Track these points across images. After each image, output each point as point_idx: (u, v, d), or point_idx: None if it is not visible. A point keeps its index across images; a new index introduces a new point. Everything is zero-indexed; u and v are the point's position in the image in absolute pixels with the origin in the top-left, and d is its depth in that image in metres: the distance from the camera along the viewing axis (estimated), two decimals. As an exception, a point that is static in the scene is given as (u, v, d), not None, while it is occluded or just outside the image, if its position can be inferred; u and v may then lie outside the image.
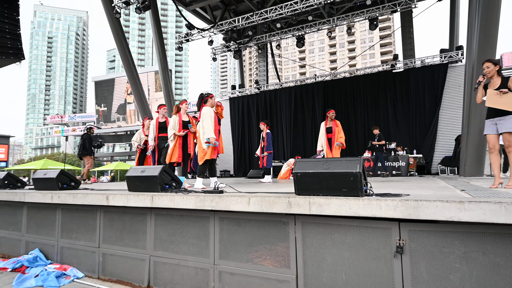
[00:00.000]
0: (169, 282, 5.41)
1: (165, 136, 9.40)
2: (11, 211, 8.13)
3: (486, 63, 5.54)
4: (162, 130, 9.55)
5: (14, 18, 12.49)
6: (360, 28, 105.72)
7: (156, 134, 9.55)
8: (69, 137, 57.99)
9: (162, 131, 9.54)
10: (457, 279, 3.44)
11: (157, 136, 9.55)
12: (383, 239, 3.82)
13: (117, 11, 16.28)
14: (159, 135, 9.53)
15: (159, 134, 9.54)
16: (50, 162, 35.47)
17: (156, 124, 9.60)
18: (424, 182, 8.36)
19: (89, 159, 12.16)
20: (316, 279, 4.21)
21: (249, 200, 4.52)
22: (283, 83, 21.89)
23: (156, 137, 9.55)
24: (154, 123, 9.63)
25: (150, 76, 46.79)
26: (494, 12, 10.46)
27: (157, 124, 9.60)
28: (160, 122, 9.64)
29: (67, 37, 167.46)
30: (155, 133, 9.56)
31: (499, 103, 5.26)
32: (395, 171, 14.91)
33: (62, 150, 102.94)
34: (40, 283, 5.88)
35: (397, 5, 16.77)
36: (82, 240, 6.68)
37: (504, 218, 3.10)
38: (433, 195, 4.03)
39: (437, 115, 16.46)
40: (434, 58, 17.25)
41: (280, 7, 16.34)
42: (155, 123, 9.62)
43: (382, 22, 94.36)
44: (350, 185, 3.96)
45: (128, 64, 17.84)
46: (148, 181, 5.82)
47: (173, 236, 5.49)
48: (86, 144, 11.99)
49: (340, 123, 11.32)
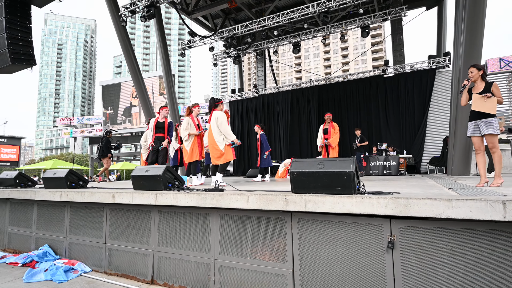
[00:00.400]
0: (172, 276, 5.40)
1: (161, 137, 9.32)
2: (22, 208, 8.11)
3: (471, 68, 5.58)
4: (159, 130, 9.38)
5: (26, 26, 12.53)
6: (352, 36, 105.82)
7: (154, 133, 9.34)
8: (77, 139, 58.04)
9: (159, 131, 9.38)
10: (445, 273, 3.44)
11: (154, 136, 9.33)
12: (375, 235, 3.82)
13: (123, 19, 16.26)
14: (156, 134, 9.34)
15: (156, 134, 9.35)
16: (59, 162, 35.41)
17: (154, 123, 9.41)
18: (414, 181, 8.36)
19: (107, 160, 12.46)
20: (312, 273, 4.20)
21: (248, 198, 4.52)
22: (280, 87, 21.89)
23: (153, 135, 9.33)
24: (153, 122, 9.43)
25: (155, 80, 46.77)
26: (479, 20, 10.48)
27: (155, 123, 9.41)
28: (159, 121, 9.45)
29: (76, 44, 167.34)
30: (152, 132, 9.35)
31: (484, 107, 5.29)
32: (386, 171, 14.89)
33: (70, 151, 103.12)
34: (49, 277, 5.87)
35: (388, 14, 16.77)
36: (89, 236, 6.67)
37: (490, 215, 3.10)
38: (422, 193, 4.03)
39: (425, 118, 16.48)
40: (422, 64, 17.28)
41: (277, 15, 16.34)
42: (154, 122, 9.42)
43: (374, 30, 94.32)
44: (343, 183, 3.95)
45: (134, 69, 17.83)
46: (152, 180, 5.82)
47: (175, 232, 5.48)
48: (104, 146, 12.20)
49: (337, 126, 11.54)
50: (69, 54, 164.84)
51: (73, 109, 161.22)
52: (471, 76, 5.54)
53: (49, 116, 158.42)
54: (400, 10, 16.44)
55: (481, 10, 10.45)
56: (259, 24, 16.93)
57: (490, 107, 5.25)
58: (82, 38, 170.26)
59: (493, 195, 3.51)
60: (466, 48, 10.78)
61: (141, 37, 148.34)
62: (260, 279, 4.58)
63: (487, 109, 5.28)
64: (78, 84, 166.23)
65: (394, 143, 16.39)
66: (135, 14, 16.33)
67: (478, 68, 5.51)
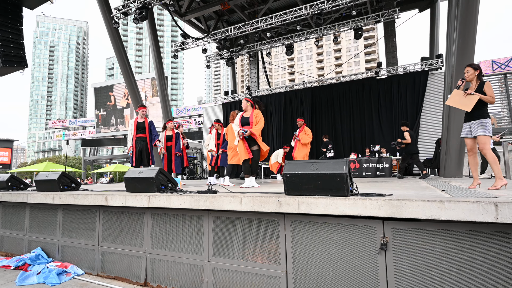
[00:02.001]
0: (165, 278, 5.39)
1: (143, 137, 9.21)
2: (14, 211, 8.07)
3: (467, 68, 5.50)
4: (140, 131, 9.26)
5: (17, 28, 12.49)
6: (346, 37, 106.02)
7: (134, 134, 9.21)
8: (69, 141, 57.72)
9: (140, 132, 9.25)
10: (437, 274, 3.45)
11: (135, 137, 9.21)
12: (368, 237, 3.83)
13: (115, 21, 16.23)
14: (138, 135, 9.22)
15: (137, 134, 9.22)
16: (52, 165, 35.30)
17: (135, 125, 9.28)
18: (407, 183, 8.39)
19: None
20: (305, 274, 4.21)
21: (241, 200, 4.52)
22: (273, 89, 21.93)
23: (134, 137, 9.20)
24: (133, 123, 9.30)
25: (147, 82, 46.61)
26: (471, 22, 10.54)
27: (135, 124, 9.29)
28: (138, 122, 9.33)
29: (68, 46, 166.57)
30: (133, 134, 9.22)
31: (459, 103, 5.25)
32: (379, 172, 14.96)
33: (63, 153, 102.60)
34: (42, 280, 5.84)
35: (381, 16, 16.84)
36: (82, 239, 6.64)
37: (482, 217, 3.11)
38: (415, 195, 4.05)
39: (418, 119, 16.55)
40: (415, 66, 17.35)
41: (270, 17, 16.37)
42: (134, 123, 9.29)
43: (367, 32, 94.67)
44: (337, 185, 3.96)
45: (126, 71, 17.82)
46: (145, 182, 5.80)
47: (169, 234, 5.47)
48: None
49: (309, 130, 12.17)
50: (61, 56, 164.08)
51: (65, 112, 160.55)
52: (466, 76, 5.49)
53: (41, 119, 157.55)
54: (393, 12, 16.50)
55: (473, 12, 10.51)
56: (252, 26, 16.96)
57: (466, 103, 5.20)
58: (74, 40, 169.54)
59: (485, 197, 3.53)
60: (459, 50, 10.84)
61: (133, 39, 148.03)
62: (253, 281, 4.58)
63: (461, 105, 5.23)
64: (70, 87, 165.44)
65: (387, 145, 16.44)
66: (127, 16, 16.31)
67: (475, 67, 5.44)
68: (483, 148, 5.24)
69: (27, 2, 12.86)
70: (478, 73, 5.44)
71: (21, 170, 39.46)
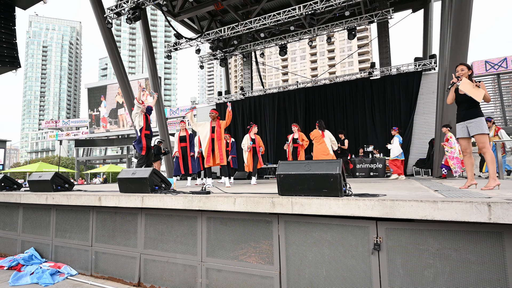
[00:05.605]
0: (159, 279, 5.38)
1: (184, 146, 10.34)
2: (7, 212, 8.04)
3: (461, 66, 5.49)
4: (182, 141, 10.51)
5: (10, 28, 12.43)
6: (339, 38, 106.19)
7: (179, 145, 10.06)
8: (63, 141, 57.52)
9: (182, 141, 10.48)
10: (431, 274, 3.46)
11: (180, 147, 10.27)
12: (362, 237, 3.84)
13: (108, 21, 16.15)
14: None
15: None
16: (45, 165, 35.13)
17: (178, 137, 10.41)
18: (400, 183, 8.43)
19: (158, 163, 13.59)
20: (298, 275, 4.21)
21: (234, 201, 4.52)
22: (267, 90, 21.91)
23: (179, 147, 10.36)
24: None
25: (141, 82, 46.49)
26: (464, 22, 10.57)
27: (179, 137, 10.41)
28: (180, 136, 10.62)
29: (61, 46, 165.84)
30: None
31: (471, 91, 5.13)
32: (373, 173, 14.98)
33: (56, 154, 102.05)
34: (36, 280, 5.83)
35: (374, 16, 16.86)
36: (75, 239, 6.62)
37: (475, 217, 3.13)
38: (408, 195, 4.06)
39: (412, 120, 16.59)
40: (409, 66, 17.39)
41: (263, 17, 16.35)
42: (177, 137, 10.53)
43: (360, 32, 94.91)
44: (330, 186, 3.97)
45: (120, 71, 17.75)
46: (139, 182, 5.79)
47: (162, 235, 5.46)
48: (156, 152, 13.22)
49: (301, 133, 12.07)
50: (54, 56, 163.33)
51: (58, 112, 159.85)
52: (460, 74, 5.44)
53: (34, 119, 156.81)
54: (386, 12, 16.52)
55: (466, 13, 10.54)
56: (246, 26, 16.94)
57: (476, 94, 5.11)
58: (67, 40, 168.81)
59: (478, 197, 3.55)
60: (452, 51, 10.86)
61: (127, 39, 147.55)
62: (247, 281, 4.58)
63: (473, 94, 5.14)
64: (63, 87, 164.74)
65: (381, 145, 16.46)
66: (120, 16, 16.25)
67: (468, 67, 5.45)
68: (483, 147, 5.22)
69: (20, 2, 12.80)
70: (470, 73, 5.43)
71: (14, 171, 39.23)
